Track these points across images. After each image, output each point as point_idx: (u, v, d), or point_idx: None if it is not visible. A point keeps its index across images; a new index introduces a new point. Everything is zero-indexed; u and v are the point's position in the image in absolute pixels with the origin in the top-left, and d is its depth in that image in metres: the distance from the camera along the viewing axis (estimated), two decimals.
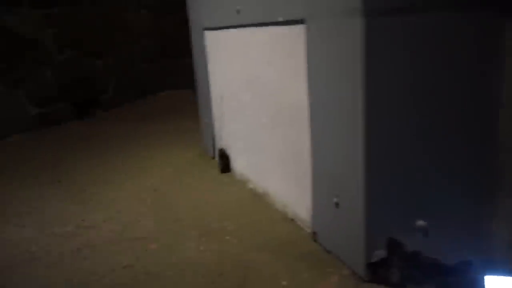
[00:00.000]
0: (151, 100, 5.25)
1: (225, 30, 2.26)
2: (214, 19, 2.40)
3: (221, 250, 1.68)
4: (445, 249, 1.31)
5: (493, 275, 1.22)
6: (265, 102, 1.97)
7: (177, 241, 1.77)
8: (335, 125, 1.45)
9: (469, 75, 1.18)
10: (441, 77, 1.21)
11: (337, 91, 1.40)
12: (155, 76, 5.50)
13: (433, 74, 1.21)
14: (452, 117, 1.22)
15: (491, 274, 1.23)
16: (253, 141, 2.17)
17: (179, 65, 5.36)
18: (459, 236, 1.29)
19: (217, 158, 2.63)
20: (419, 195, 1.31)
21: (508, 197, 1.21)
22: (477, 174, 1.24)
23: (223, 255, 1.64)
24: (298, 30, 1.57)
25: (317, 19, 1.44)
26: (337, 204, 1.50)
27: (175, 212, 2.06)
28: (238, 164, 2.43)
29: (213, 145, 2.76)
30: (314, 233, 1.68)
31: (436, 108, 1.23)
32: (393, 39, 1.21)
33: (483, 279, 1.23)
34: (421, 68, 1.22)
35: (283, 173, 1.91)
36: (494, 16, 1.11)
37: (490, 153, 1.21)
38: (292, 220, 1.87)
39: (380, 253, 1.37)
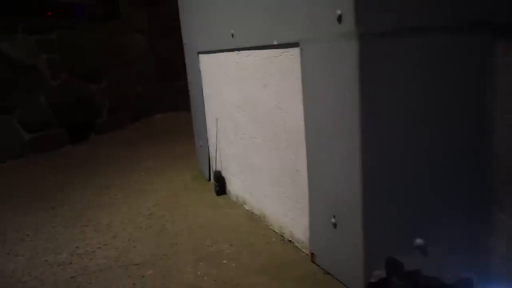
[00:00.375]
0: (146, 123, 5.26)
1: (220, 53, 2.30)
2: (208, 43, 2.43)
3: (219, 275, 1.65)
4: (444, 267, 1.30)
5: None
6: (261, 124, 1.98)
7: (174, 266, 1.75)
8: (331, 146, 1.46)
9: (464, 94, 1.20)
10: (436, 97, 1.22)
11: (333, 112, 1.42)
12: (150, 99, 5.53)
13: (428, 94, 1.23)
14: (447, 136, 1.24)
15: None
16: (249, 163, 2.18)
17: (174, 88, 5.40)
18: (458, 253, 1.28)
19: (212, 181, 2.62)
20: (417, 213, 1.31)
21: (505, 213, 1.21)
22: (474, 191, 1.24)
23: (221, 280, 1.62)
24: (293, 53, 1.60)
25: (311, 42, 1.47)
26: (335, 225, 1.50)
27: (171, 236, 2.04)
28: (234, 186, 2.42)
29: (209, 168, 2.75)
30: (312, 254, 1.67)
31: (432, 127, 1.25)
32: (387, 60, 1.24)
33: None
34: (416, 88, 1.24)
35: (279, 195, 1.91)
36: (486, 38, 1.14)
37: (486, 170, 1.22)
38: (290, 241, 1.85)
39: (379, 273, 1.36)
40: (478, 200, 1.25)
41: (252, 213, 2.20)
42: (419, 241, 1.31)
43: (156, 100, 5.58)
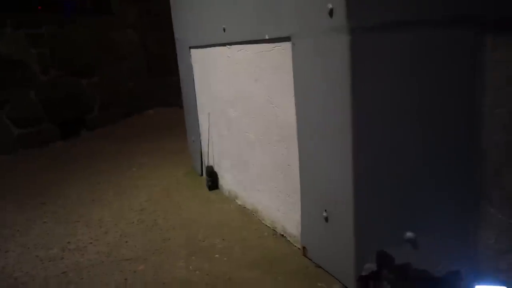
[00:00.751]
0: (138, 118, 5.23)
1: (211, 48, 2.29)
2: (200, 38, 2.42)
3: (211, 269, 1.66)
4: (434, 260, 1.31)
5: (482, 284, 1.23)
6: (253, 119, 1.98)
7: (166, 261, 1.75)
8: (323, 140, 1.47)
9: (453, 89, 1.21)
10: (427, 92, 1.23)
11: (324, 106, 1.42)
12: (142, 94, 5.50)
13: (419, 88, 1.24)
14: (438, 130, 1.25)
15: (479, 284, 1.24)
16: (241, 158, 2.18)
17: (166, 83, 5.37)
18: (448, 246, 1.30)
19: (205, 176, 2.62)
20: (407, 207, 1.32)
21: (493, 206, 1.23)
22: (463, 185, 1.26)
23: (213, 274, 1.62)
24: (284, 48, 1.60)
25: (303, 37, 1.47)
26: (326, 219, 1.50)
27: (163, 231, 2.03)
28: (226, 181, 2.42)
29: (201, 163, 2.75)
30: (304, 248, 1.68)
31: (422, 121, 1.26)
32: (378, 54, 1.24)
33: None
34: (406, 82, 1.24)
35: (271, 189, 1.91)
36: (475, 33, 1.15)
37: (475, 164, 1.23)
38: (282, 235, 1.86)
39: (370, 266, 1.37)
40: (467, 194, 1.26)
41: (244, 207, 2.20)
42: (409, 234, 1.32)
43: (148, 96, 5.55)
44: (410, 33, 1.20)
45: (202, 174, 2.76)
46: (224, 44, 2.11)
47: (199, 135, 2.72)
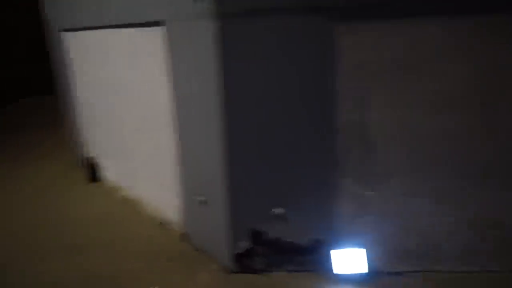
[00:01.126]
0: (11, 109, 4.68)
1: (86, 31, 2.13)
2: (72, 20, 2.24)
3: (88, 265, 1.58)
4: (301, 232, 1.43)
5: (339, 248, 1.39)
6: (131, 107, 1.92)
7: (37, 262, 1.61)
8: (196, 126, 1.48)
9: (310, 72, 1.31)
10: (289, 75, 1.32)
11: (196, 92, 1.43)
12: (16, 83, 4.93)
13: (281, 72, 1.31)
14: (298, 112, 1.35)
15: (337, 248, 1.39)
16: (122, 147, 2.10)
17: (44, 70, 4.89)
18: (312, 218, 1.43)
19: (85, 168, 2.47)
20: (276, 185, 1.41)
21: (348, 178, 1.38)
22: (322, 161, 1.38)
23: (90, 270, 1.55)
24: (157, 32, 1.56)
25: (174, 22, 1.46)
26: (203, 203, 1.53)
27: (37, 230, 1.87)
28: (109, 172, 2.31)
29: (82, 155, 2.58)
30: (184, 234, 1.69)
31: (285, 104, 1.34)
32: (244, 40, 1.29)
33: (330, 253, 1.38)
34: (270, 67, 1.31)
35: (152, 178, 1.88)
36: (326, 21, 1.26)
37: (332, 142, 1.36)
38: (163, 223, 1.85)
39: (244, 244, 1.44)
40: (326, 170, 1.39)
41: (127, 198, 2.13)
42: (279, 210, 1.42)
43: (23, 84, 5.00)
44: (272, 20, 1.26)
45: (82, 166, 2.60)
46: (97, 28, 1.99)
47: (79, 125, 2.54)
